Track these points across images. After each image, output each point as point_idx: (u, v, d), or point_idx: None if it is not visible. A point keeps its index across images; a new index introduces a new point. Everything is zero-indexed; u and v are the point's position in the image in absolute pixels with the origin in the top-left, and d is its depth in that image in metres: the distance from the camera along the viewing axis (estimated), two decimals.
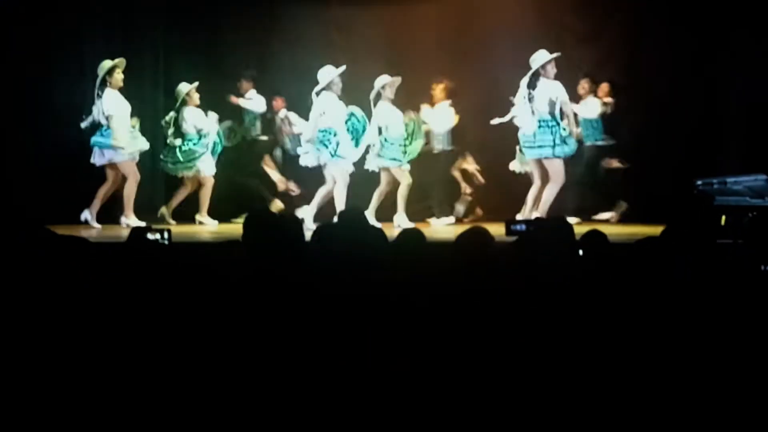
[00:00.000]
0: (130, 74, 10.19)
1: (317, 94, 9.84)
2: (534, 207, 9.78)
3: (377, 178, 10.34)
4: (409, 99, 10.47)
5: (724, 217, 7.42)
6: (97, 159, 10.09)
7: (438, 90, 10.61)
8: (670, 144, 10.48)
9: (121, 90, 9.98)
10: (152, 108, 11.06)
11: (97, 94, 9.94)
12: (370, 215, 9.75)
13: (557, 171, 9.68)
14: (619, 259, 4.04)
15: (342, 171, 9.91)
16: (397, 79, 10.10)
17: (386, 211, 10.23)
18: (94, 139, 10.02)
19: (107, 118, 9.91)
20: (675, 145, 10.44)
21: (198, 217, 10.61)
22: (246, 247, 4.08)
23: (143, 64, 11.06)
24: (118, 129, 9.94)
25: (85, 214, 10.12)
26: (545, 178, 9.78)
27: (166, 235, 6.34)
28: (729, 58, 10.38)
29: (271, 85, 11.13)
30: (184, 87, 10.50)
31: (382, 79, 10.08)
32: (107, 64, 10.00)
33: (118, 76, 9.95)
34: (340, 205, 9.71)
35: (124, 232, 9.19)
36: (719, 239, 4.11)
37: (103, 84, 9.95)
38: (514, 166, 10.31)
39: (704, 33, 10.47)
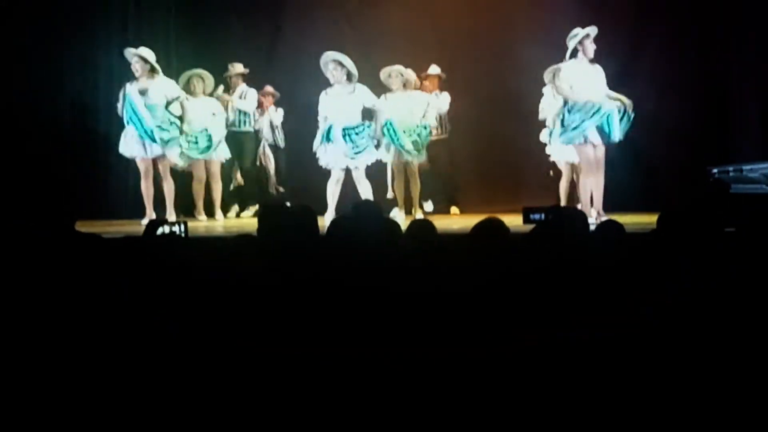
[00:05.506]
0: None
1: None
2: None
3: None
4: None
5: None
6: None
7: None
8: (685, 132, 10.41)
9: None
10: None
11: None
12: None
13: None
14: (635, 249, 4.03)
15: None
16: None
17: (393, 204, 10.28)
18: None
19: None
20: (690, 132, 10.38)
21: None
22: (261, 240, 4.08)
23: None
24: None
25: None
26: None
27: (182, 227, 6.40)
28: (744, 44, 10.32)
29: (279, 74, 11.10)
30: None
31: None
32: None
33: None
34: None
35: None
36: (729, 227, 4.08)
37: None
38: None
39: (718, 18, 10.41)
